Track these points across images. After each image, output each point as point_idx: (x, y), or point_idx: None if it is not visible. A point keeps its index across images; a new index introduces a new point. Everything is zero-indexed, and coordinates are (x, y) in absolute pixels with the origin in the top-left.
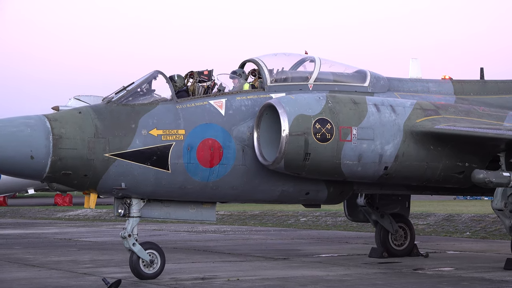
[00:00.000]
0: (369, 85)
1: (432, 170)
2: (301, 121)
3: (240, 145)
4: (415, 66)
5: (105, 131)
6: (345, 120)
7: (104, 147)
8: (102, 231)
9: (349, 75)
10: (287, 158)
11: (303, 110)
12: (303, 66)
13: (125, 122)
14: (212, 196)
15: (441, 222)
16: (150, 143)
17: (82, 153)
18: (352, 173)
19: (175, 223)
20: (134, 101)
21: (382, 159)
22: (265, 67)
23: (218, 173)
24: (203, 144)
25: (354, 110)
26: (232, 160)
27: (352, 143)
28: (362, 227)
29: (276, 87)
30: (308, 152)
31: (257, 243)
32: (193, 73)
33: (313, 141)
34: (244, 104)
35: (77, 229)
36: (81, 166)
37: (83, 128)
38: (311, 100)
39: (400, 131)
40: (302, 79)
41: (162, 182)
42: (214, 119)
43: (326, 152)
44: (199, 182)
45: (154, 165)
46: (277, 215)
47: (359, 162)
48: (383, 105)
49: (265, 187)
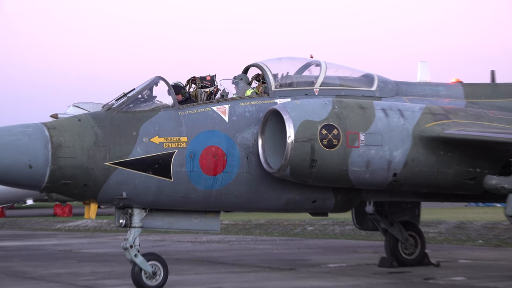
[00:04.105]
0: (376, 89)
1: (443, 176)
2: (306, 127)
3: (244, 152)
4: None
5: (105, 139)
6: (352, 126)
7: (104, 155)
8: (103, 242)
9: (356, 80)
10: (292, 165)
11: (308, 116)
12: (308, 71)
13: (126, 129)
14: (216, 205)
15: (452, 230)
16: (151, 151)
17: (81, 162)
18: (360, 180)
19: (178, 233)
20: (135, 108)
21: (391, 165)
22: (269, 71)
23: (222, 182)
24: (206, 152)
25: (361, 115)
26: (236, 167)
27: (360, 149)
28: (371, 235)
29: (281, 92)
30: (314, 159)
31: (262, 253)
32: (195, 79)
33: (319, 148)
34: (248, 110)
35: (77, 240)
36: (81, 175)
37: (83, 136)
38: (317, 105)
39: (409, 136)
40: (307, 84)
41: (164, 191)
42: (217, 125)
43: (333, 159)
44: (202, 191)
45: (156, 174)
46: (283, 224)
47: (367, 168)
48: (391, 110)
49: (271, 196)
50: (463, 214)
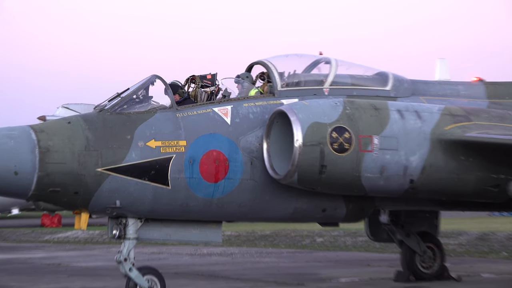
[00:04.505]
0: (391, 88)
1: (463, 183)
2: (315, 129)
3: (248, 157)
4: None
5: (97, 143)
6: (365, 128)
7: (96, 161)
8: (95, 255)
9: (369, 78)
10: (300, 171)
11: (318, 118)
12: (317, 69)
13: (120, 132)
14: (218, 215)
15: (474, 242)
16: (147, 156)
17: (72, 167)
18: (374, 187)
19: (176, 245)
20: (130, 109)
21: (407, 171)
22: (275, 70)
23: (224, 189)
24: (207, 157)
25: (375, 117)
26: (239, 174)
27: (374, 154)
28: (386, 248)
29: (288, 92)
30: (324, 165)
31: (268, 267)
32: (194, 78)
33: (329, 152)
34: (252, 111)
35: (67, 253)
36: (71, 182)
37: (73, 140)
38: (327, 106)
39: (427, 139)
40: (316, 83)
41: (162, 199)
42: (219, 128)
43: (344, 164)
44: (202, 199)
45: (152, 181)
46: (290, 235)
47: (382, 175)
48: (407, 111)
49: (277, 204)
50: (485, 224)
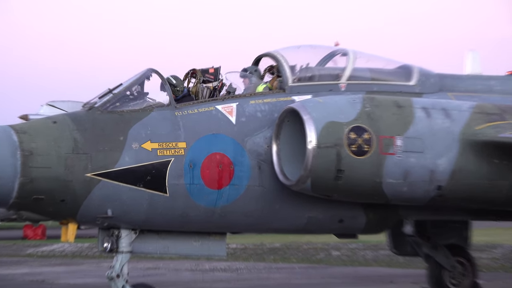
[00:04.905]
0: (416, 83)
1: (497, 189)
2: (331, 129)
3: (256, 160)
4: (474, 60)
5: (87, 145)
6: (387, 128)
7: (85, 165)
8: (84, 270)
9: (391, 72)
10: (314, 176)
11: (334, 116)
12: (333, 61)
13: (112, 133)
14: (221, 225)
15: (509, 255)
16: (142, 160)
17: (58, 172)
18: (397, 194)
19: (175, 260)
20: (123, 107)
21: (434, 176)
22: (285, 62)
23: (229, 196)
24: (209, 160)
25: (398, 116)
26: (245, 179)
27: (396, 157)
28: (410, 262)
29: (300, 87)
30: (340, 169)
31: (278, 284)
32: (195, 72)
33: (346, 155)
34: (260, 109)
35: (52, 268)
36: (57, 189)
37: (59, 142)
38: (344, 103)
39: (456, 141)
40: (332, 77)
41: (158, 208)
42: (223, 128)
43: (364, 169)
44: (204, 208)
45: (148, 187)
46: (303, 248)
47: (405, 180)
48: (434, 109)
49: (288, 214)
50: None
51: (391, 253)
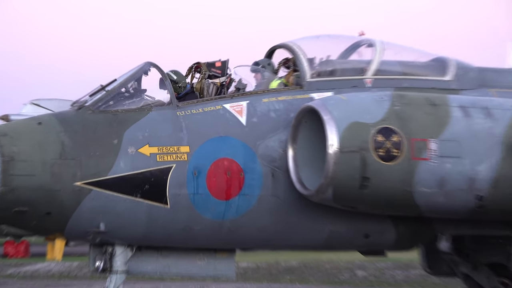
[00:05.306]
0: (452, 78)
1: None
2: (355, 131)
3: (269, 167)
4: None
5: (76, 149)
6: (419, 130)
7: (74, 172)
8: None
9: (423, 66)
10: (336, 185)
11: (358, 116)
12: (357, 53)
13: (104, 136)
14: (230, 241)
15: None
16: (140, 166)
17: (43, 181)
18: (431, 205)
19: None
20: (117, 106)
21: (474, 184)
22: (303, 55)
23: (238, 208)
24: (216, 167)
25: (431, 115)
26: (257, 189)
27: (430, 163)
28: (447, 284)
29: (320, 83)
30: (366, 176)
31: None
32: (200, 66)
33: (373, 161)
34: (273, 108)
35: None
36: (42, 200)
37: (45, 146)
38: (370, 101)
39: (499, 144)
40: (356, 71)
41: (158, 221)
42: (231, 130)
43: (393, 176)
44: (210, 221)
45: (146, 198)
46: (324, 267)
47: (441, 189)
48: (473, 107)
49: (306, 228)
50: None
51: (425, 273)
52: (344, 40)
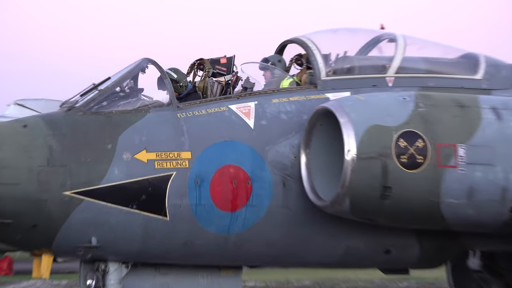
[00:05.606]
0: (483, 77)
1: None
2: (376, 136)
3: (280, 175)
4: None
5: (65, 155)
6: (447, 134)
7: (63, 180)
8: None
9: (451, 63)
10: (354, 195)
11: (379, 119)
12: (377, 49)
13: (97, 140)
14: (236, 257)
15: None
16: (136, 174)
17: (28, 190)
18: (459, 218)
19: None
20: (111, 108)
21: (507, 195)
22: (317, 50)
23: (245, 221)
24: (221, 175)
25: (460, 118)
26: (266, 199)
27: (458, 171)
28: None
29: (336, 82)
30: (387, 186)
31: None
32: (203, 62)
33: (395, 168)
34: (285, 109)
35: None
36: (27, 211)
37: (31, 151)
38: (392, 102)
39: None
40: (376, 69)
41: (156, 235)
42: (238, 134)
43: (417, 185)
44: (214, 235)
45: (143, 209)
46: (340, 286)
47: (470, 200)
48: (506, 109)
49: (320, 243)
50: None
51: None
52: (363, 34)
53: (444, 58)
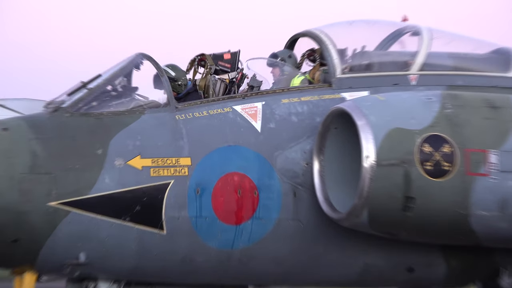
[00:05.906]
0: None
1: None
2: (397, 140)
3: (290, 184)
4: None
5: (51, 161)
6: (477, 139)
7: (48, 190)
8: None
9: (482, 59)
10: (373, 206)
11: (401, 121)
12: (399, 43)
13: (86, 145)
14: (241, 276)
15: None
16: (130, 182)
17: (9, 200)
18: (491, 232)
19: None
20: (102, 108)
21: None
22: (332, 45)
23: (251, 235)
24: (224, 183)
25: (491, 121)
26: (275, 211)
27: (490, 179)
28: None
29: (352, 80)
30: (410, 196)
31: None
32: (204, 58)
33: (419, 176)
34: (295, 111)
35: None
36: (8, 224)
37: (11, 157)
38: (415, 103)
39: None
40: (398, 66)
41: (152, 251)
42: (243, 138)
43: (443, 195)
44: (217, 251)
45: (137, 222)
46: None
47: (503, 212)
48: None
49: (335, 260)
50: None
51: None
52: (383, 27)
53: (474, 54)
